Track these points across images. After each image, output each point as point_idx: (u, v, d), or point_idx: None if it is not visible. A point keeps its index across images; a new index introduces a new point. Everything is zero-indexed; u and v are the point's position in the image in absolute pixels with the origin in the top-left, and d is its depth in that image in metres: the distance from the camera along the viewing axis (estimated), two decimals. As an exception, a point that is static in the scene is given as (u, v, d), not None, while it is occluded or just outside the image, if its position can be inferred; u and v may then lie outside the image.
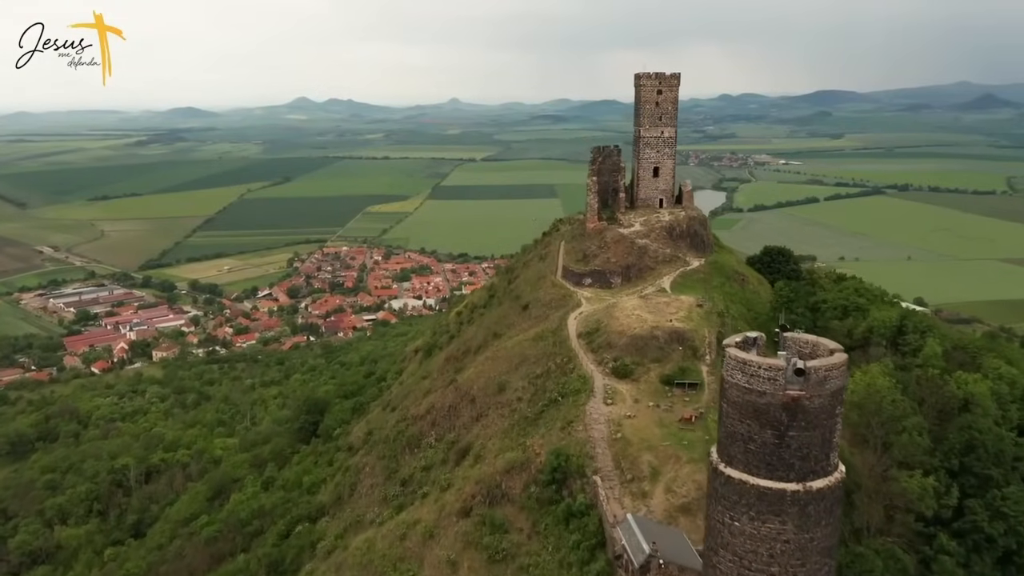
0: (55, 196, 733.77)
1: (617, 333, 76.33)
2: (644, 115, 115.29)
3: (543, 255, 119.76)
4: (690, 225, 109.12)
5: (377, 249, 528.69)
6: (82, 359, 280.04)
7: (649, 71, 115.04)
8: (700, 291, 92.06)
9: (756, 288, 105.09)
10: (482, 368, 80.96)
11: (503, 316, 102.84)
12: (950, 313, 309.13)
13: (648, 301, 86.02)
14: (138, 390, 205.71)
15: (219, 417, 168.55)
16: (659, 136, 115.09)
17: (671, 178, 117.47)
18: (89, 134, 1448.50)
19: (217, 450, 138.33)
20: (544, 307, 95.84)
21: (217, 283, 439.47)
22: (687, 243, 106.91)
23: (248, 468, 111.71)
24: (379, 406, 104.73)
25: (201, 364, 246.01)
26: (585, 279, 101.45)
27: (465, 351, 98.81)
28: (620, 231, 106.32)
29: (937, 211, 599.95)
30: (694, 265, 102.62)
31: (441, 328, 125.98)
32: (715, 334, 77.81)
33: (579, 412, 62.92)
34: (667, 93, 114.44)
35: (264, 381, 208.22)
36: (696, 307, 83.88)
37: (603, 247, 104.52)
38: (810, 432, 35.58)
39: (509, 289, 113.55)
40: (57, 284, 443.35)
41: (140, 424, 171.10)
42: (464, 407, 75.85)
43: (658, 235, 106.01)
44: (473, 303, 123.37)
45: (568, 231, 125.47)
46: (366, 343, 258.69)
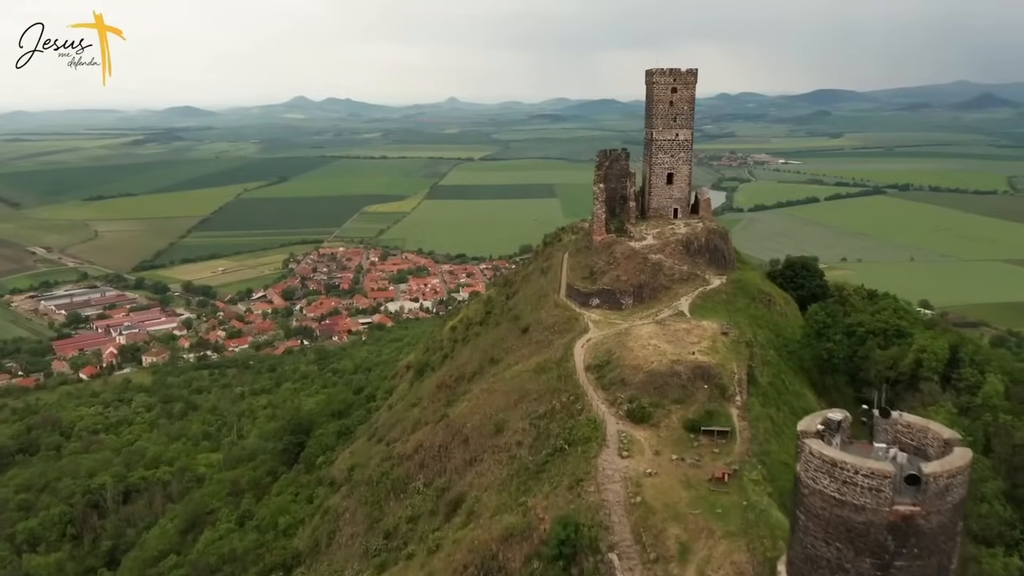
0: (49, 196, 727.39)
1: (632, 367, 67.15)
2: (657, 116, 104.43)
3: (544, 269, 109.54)
4: (709, 239, 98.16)
5: (374, 250, 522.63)
6: (70, 364, 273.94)
7: (662, 67, 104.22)
8: (723, 315, 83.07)
9: (783, 309, 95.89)
10: (476, 402, 72.26)
11: (500, 339, 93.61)
12: (956, 316, 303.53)
13: (665, 328, 76.52)
14: (124, 399, 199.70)
15: (205, 429, 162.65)
16: (673, 139, 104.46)
17: (687, 186, 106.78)
18: (86, 133, 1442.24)
19: (200, 467, 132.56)
20: (546, 331, 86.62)
21: (211, 285, 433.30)
22: (706, 259, 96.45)
23: (225, 497, 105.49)
24: (365, 434, 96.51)
25: (191, 370, 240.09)
26: (592, 299, 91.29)
27: (458, 377, 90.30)
28: (631, 245, 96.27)
29: (938, 211, 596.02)
30: (714, 284, 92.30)
31: (434, 344, 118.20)
32: (745, 369, 69.17)
33: (590, 467, 53.68)
34: (682, 91, 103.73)
35: (254, 389, 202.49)
36: (721, 335, 74.43)
37: (612, 263, 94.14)
38: (924, 560, 26.53)
39: (507, 307, 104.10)
40: (49, 286, 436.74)
41: (123, 436, 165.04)
42: (456, 448, 67.38)
43: (673, 250, 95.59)
44: (468, 318, 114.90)
45: (572, 242, 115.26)
46: (360, 348, 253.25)
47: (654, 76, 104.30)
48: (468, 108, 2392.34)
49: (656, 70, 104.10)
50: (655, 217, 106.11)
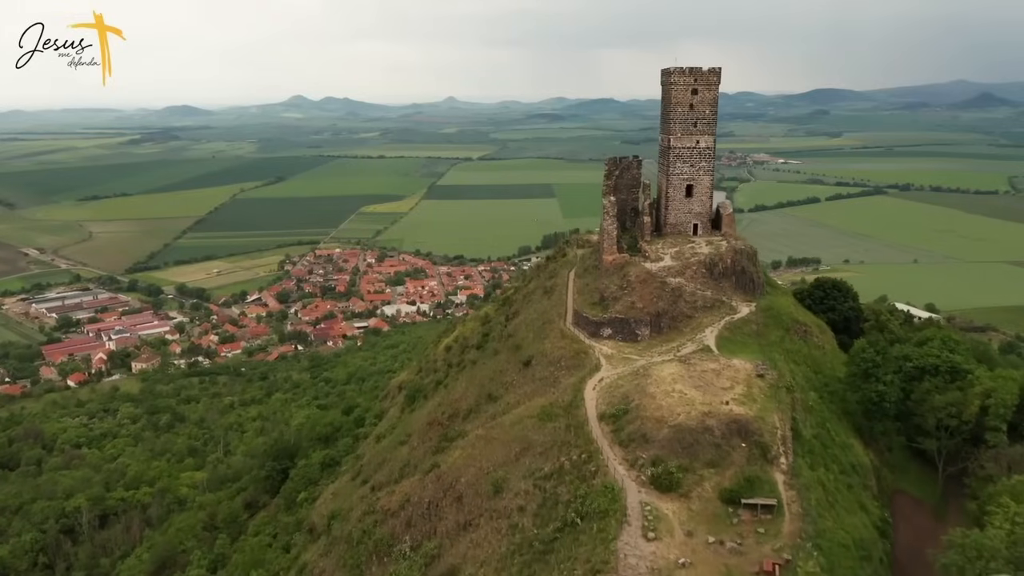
0: (44, 196, 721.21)
1: (654, 420, 57.65)
2: (675, 120, 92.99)
3: (548, 289, 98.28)
4: (736, 260, 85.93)
5: (371, 251, 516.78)
6: (58, 371, 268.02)
7: (681, 65, 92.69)
8: (756, 350, 72.78)
9: (820, 340, 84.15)
10: (472, 452, 62.92)
11: (499, 371, 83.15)
12: (963, 320, 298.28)
13: (691, 368, 66.38)
14: (110, 409, 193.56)
15: (191, 444, 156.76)
16: (693, 147, 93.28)
17: (708, 199, 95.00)
18: (83, 133, 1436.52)
19: (182, 487, 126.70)
20: (551, 366, 76.26)
21: (205, 287, 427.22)
22: (732, 283, 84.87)
23: (200, 533, 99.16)
24: (351, 470, 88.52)
25: (181, 377, 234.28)
26: (603, 329, 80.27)
27: (452, 414, 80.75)
28: (646, 267, 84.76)
29: (940, 211, 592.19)
30: (743, 312, 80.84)
31: (427, 364, 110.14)
32: (788, 422, 59.10)
33: (608, 553, 44.20)
34: (704, 93, 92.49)
35: (244, 399, 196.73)
36: (756, 377, 64.76)
37: (625, 287, 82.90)
38: None
39: (507, 333, 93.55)
40: (41, 288, 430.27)
41: (106, 450, 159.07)
42: (448, 507, 58.90)
43: (695, 273, 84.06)
44: (465, 337, 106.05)
45: (579, 259, 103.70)
46: (355, 355, 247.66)
47: (672, 76, 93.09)
48: (466, 107, 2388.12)
49: (674, 69, 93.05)
50: (672, 234, 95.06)
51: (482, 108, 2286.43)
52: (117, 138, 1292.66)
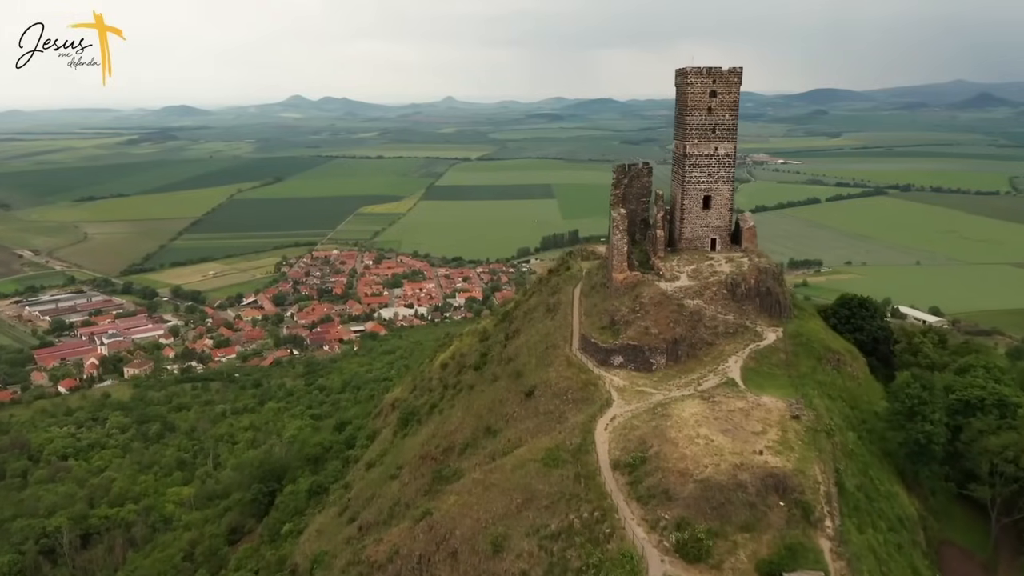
0: (40, 197, 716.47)
1: (677, 473, 50.73)
2: (691, 125, 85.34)
3: (551, 307, 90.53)
4: (760, 280, 77.88)
5: (368, 253, 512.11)
6: (49, 376, 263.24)
7: (698, 65, 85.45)
8: (786, 384, 65.50)
9: (854, 369, 75.29)
10: (468, 500, 56.43)
11: (499, 401, 76.08)
12: (968, 324, 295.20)
13: (715, 406, 59.36)
14: (99, 417, 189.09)
15: (180, 456, 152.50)
16: (711, 154, 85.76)
17: (728, 211, 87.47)
18: (80, 133, 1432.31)
19: (169, 504, 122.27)
20: (556, 398, 69.26)
21: (200, 289, 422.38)
22: (756, 305, 76.79)
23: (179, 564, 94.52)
24: (338, 501, 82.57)
25: (173, 383, 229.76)
26: (614, 357, 72.56)
27: (447, 448, 74.36)
28: (661, 287, 77.25)
29: (941, 212, 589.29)
30: (769, 339, 72.73)
31: (422, 382, 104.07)
32: (832, 474, 52.08)
33: None
34: (724, 95, 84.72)
35: (236, 408, 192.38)
36: (790, 419, 57.37)
37: (638, 310, 75.16)
38: None
39: (506, 355, 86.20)
40: (35, 290, 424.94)
41: (93, 462, 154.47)
42: (441, 564, 52.59)
43: (715, 294, 76.34)
44: (462, 354, 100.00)
45: (584, 273, 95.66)
46: (351, 360, 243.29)
47: (688, 77, 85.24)
48: (465, 107, 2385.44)
49: (691, 69, 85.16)
50: (688, 249, 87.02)
51: (481, 108, 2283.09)
52: (115, 138, 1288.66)
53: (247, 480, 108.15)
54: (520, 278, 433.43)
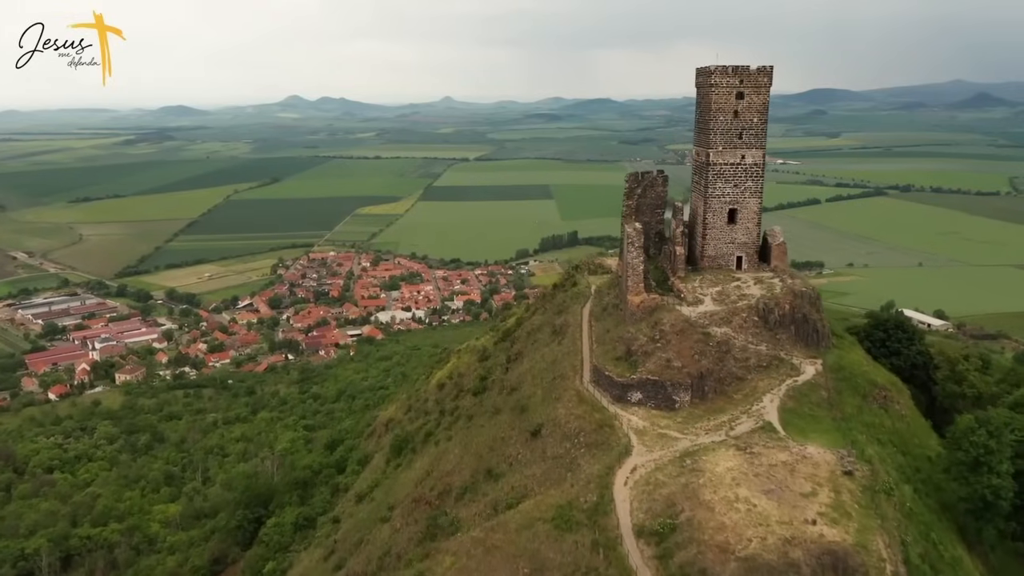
0: (35, 198, 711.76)
1: (716, 548, 43.55)
2: (715, 131, 77.51)
3: (558, 329, 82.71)
4: (795, 305, 69.49)
5: (365, 254, 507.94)
6: (40, 382, 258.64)
7: (722, 63, 77.33)
8: (831, 429, 57.82)
9: (900, 405, 67.25)
10: (467, 564, 49.81)
11: (501, 439, 68.91)
12: (974, 327, 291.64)
13: (753, 458, 51.74)
14: (87, 427, 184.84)
15: (168, 470, 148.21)
16: (738, 163, 78.18)
17: (755, 226, 79.72)
18: (77, 133, 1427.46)
19: (154, 524, 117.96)
20: (567, 441, 61.69)
21: (196, 292, 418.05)
22: (791, 334, 68.52)
23: None
24: (322, 546, 76.58)
25: (165, 390, 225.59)
26: (632, 392, 64.62)
27: (443, 491, 67.66)
28: (683, 312, 69.46)
29: (942, 213, 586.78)
30: (807, 373, 64.76)
31: (418, 403, 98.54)
32: (898, 548, 45.07)
33: None
34: (752, 97, 77.10)
35: (228, 418, 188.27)
36: (842, 474, 49.96)
37: (658, 339, 67.37)
38: None
39: (508, 383, 78.52)
40: (28, 293, 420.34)
41: (80, 475, 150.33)
42: None
43: (745, 321, 68.16)
44: (460, 374, 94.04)
45: (593, 291, 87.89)
46: (347, 366, 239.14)
47: (712, 77, 77.11)
48: (463, 107, 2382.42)
49: (715, 68, 77.10)
50: (711, 268, 79.17)
51: (479, 108, 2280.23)
52: (112, 138, 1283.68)
53: (232, 505, 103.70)
54: (519, 280, 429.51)
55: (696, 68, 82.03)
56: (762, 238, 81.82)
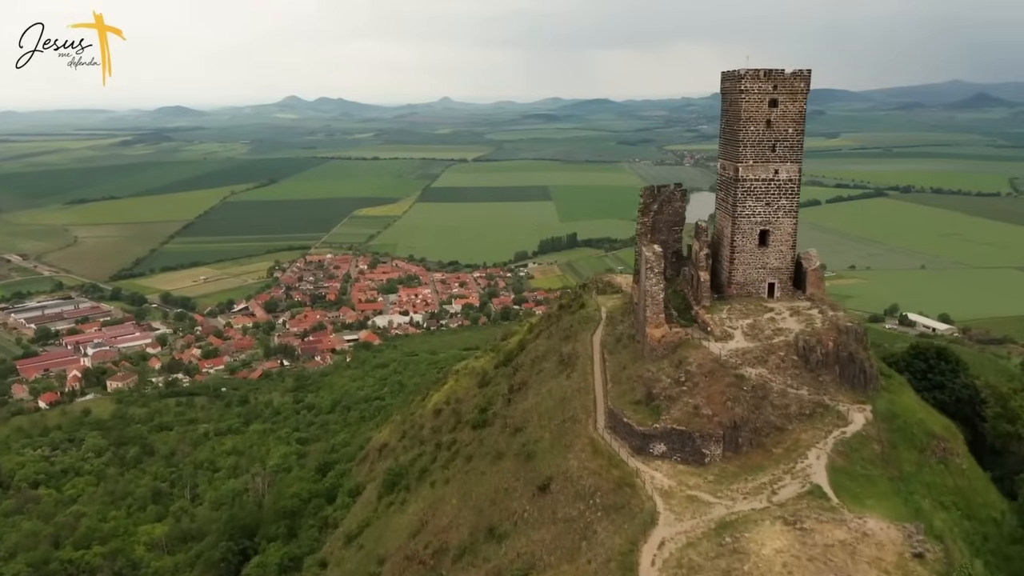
0: (30, 200, 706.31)
1: None
2: (745, 142, 69.57)
3: (565, 358, 75.25)
4: (840, 343, 61.07)
5: (363, 257, 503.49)
6: (30, 389, 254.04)
7: (753, 67, 69.09)
8: (890, 494, 50.21)
9: (960, 458, 58.73)
10: None
11: (504, 490, 61.85)
12: (980, 332, 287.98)
13: (806, 537, 44.03)
14: (75, 438, 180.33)
15: (155, 486, 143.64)
16: (770, 178, 70.47)
17: (789, 249, 72.09)
18: (74, 134, 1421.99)
19: (139, 547, 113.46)
20: (580, 500, 54.09)
21: (191, 296, 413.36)
22: (835, 376, 60.35)
23: None
24: None
25: (157, 399, 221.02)
26: (654, 444, 56.87)
27: (439, 549, 61.34)
28: (710, 348, 61.75)
29: (943, 214, 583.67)
30: (856, 423, 56.64)
31: (413, 430, 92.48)
32: None
33: None
34: (787, 105, 69.35)
35: (220, 428, 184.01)
36: (911, 557, 43.15)
37: (683, 381, 59.30)
38: None
39: (511, 421, 71.30)
40: (21, 297, 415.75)
41: (65, 491, 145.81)
42: None
43: (783, 360, 60.25)
44: (458, 399, 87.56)
45: (604, 316, 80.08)
46: (343, 374, 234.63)
47: (743, 82, 68.81)
48: (461, 108, 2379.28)
49: (745, 72, 68.91)
50: (740, 296, 71.10)
51: (477, 108, 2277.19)
52: (109, 139, 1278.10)
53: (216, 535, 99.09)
54: (518, 283, 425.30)
55: (722, 72, 73.97)
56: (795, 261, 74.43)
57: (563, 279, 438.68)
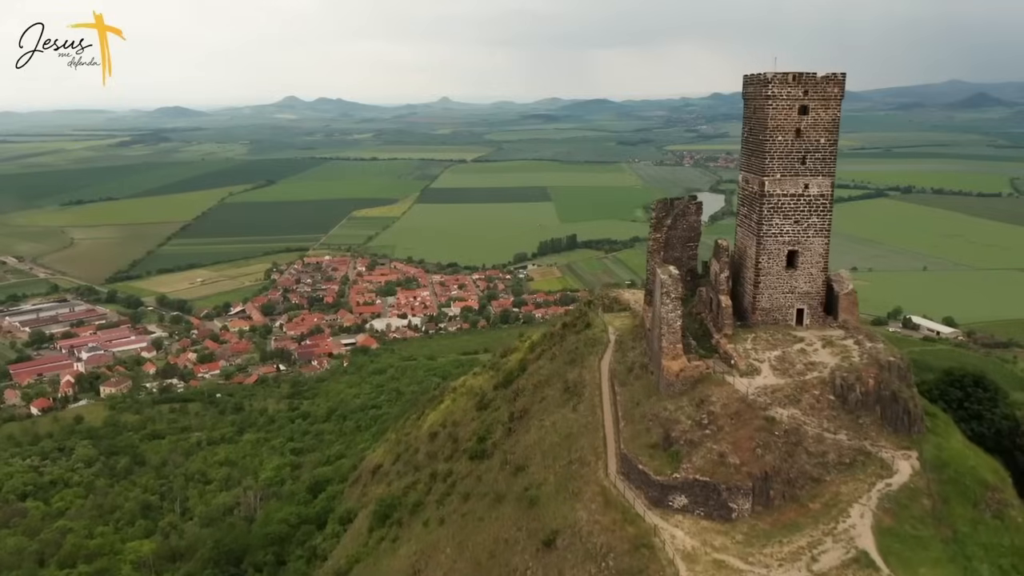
0: (27, 201, 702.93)
1: None
2: (772, 153, 63.02)
3: (571, 386, 69.47)
4: (881, 380, 54.52)
5: (361, 259, 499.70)
6: (22, 395, 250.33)
7: (780, 71, 62.49)
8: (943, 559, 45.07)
9: (1016, 510, 52.17)
10: None
11: (505, 542, 56.51)
12: (984, 335, 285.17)
13: None
14: (65, 447, 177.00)
15: (145, 499, 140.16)
16: (800, 193, 63.98)
17: (820, 272, 65.36)
18: (73, 134, 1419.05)
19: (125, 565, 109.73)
20: (590, 560, 48.45)
21: (187, 298, 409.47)
22: (875, 417, 53.96)
23: None
24: None
25: (150, 405, 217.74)
26: (674, 496, 50.62)
27: None
28: (735, 386, 55.64)
29: (944, 215, 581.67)
30: (903, 473, 50.39)
31: (407, 454, 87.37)
32: None
33: None
34: (818, 112, 62.95)
35: (212, 438, 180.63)
36: None
37: (706, 423, 53.50)
38: None
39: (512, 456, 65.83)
40: (16, 299, 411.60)
41: (53, 503, 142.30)
42: None
43: (818, 401, 53.97)
44: (454, 423, 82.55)
45: (613, 339, 74.31)
46: (339, 380, 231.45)
47: (770, 87, 62.10)
48: (460, 108, 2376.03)
49: (772, 76, 62.18)
50: (765, 323, 64.74)
51: (476, 108, 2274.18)
52: (107, 140, 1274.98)
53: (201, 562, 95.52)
54: (517, 285, 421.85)
55: (745, 75, 67.18)
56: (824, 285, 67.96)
57: (563, 281, 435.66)
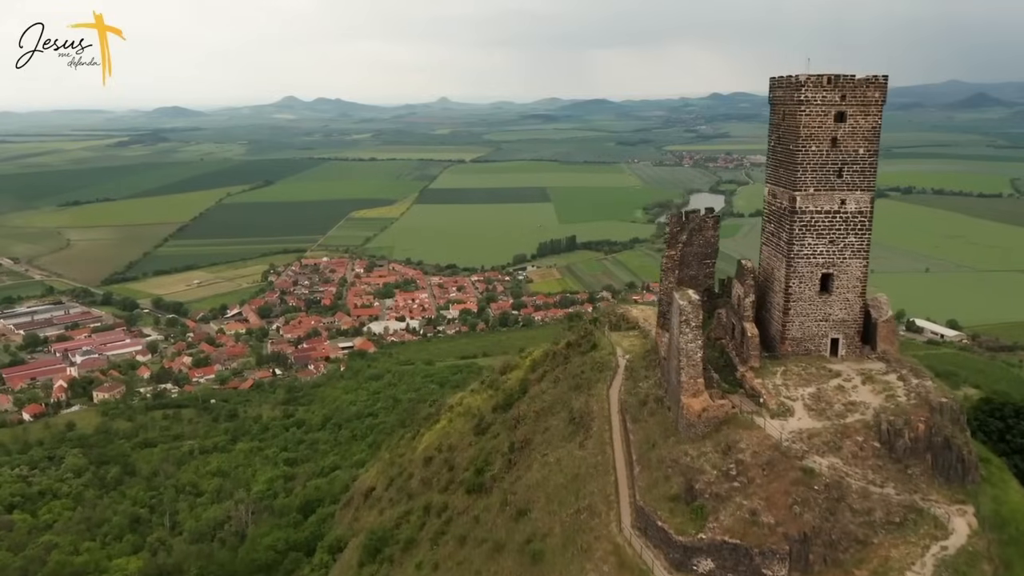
0: (24, 201, 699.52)
1: None
2: (805, 165, 56.50)
3: (576, 417, 63.60)
4: (932, 423, 48.20)
5: (359, 260, 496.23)
6: (14, 400, 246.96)
7: (812, 73, 55.74)
8: None
9: None
10: None
11: None
12: (989, 338, 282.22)
13: None
14: (55, 456, 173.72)
15: (134, 512, 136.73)
16: (835, 210, 57.02)
17: (858, 298, 58.53)
18: (71, 134, 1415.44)
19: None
20: None
21: (183, 300, 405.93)
22: (926, 466, 47.56)
23: None
24: None
25: (143, 411, 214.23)
26: (699, 559, 44.35)
27: None
28: (766, 430, 49.12)
29: (945, 216, 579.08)
30: (959, 533, 43.90)
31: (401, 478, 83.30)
32: None
33: None
34: (857, 119, 56.11)
35: (205, 447, 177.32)
36: None
37: (735, 475, 47.00)
38: None
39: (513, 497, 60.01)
40: (11, 302, 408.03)
41: (41, 516, 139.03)
42: None
43: (862, 448, 47.47)
44: (450, 447, 78.17)
45: (623, 366, 68.67)
46: (335, 385, 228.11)
47: (803, 90, 55.56)
48: (460, 108, 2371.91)
49: (806, 79, 55.53)
50: (796, 354, 58.12)
51: (475, 109, 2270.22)
52: (105, 140, 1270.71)
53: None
54: (516, 287, 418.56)
55: (773, 78, 60.77)
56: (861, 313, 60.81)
57: (562, 282, 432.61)
